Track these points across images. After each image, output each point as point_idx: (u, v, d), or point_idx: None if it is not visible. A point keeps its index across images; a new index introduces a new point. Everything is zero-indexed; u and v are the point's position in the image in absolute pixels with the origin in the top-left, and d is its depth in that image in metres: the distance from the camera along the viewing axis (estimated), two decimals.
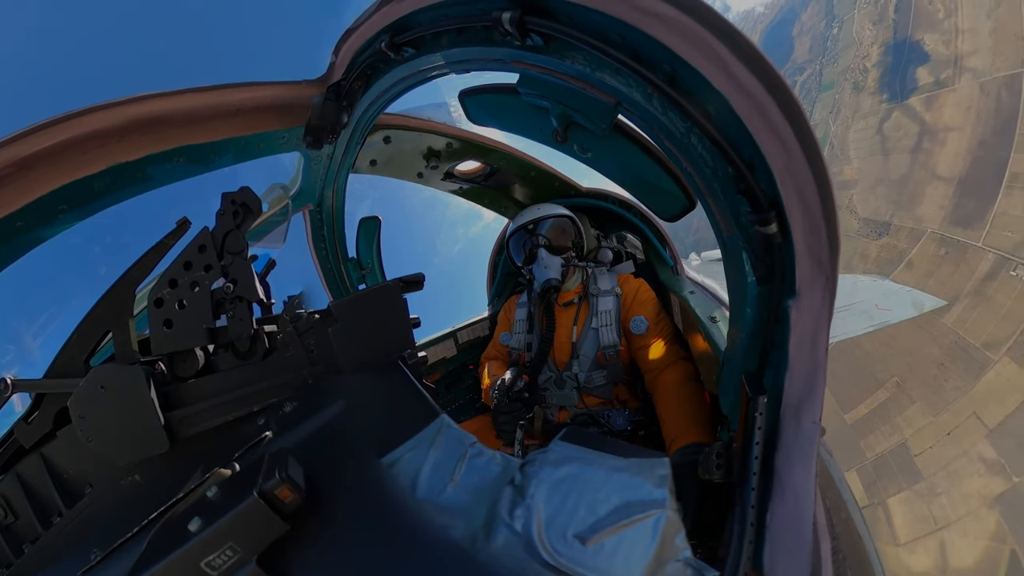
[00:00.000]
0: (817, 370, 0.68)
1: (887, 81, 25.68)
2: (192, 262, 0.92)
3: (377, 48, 1.12)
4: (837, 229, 0.63)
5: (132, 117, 1.12)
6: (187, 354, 0.94)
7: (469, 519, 0.68)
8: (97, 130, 1.08)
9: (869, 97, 26.46)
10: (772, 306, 0.81)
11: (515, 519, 0.66)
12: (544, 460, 0.79)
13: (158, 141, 1.18)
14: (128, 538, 0.71)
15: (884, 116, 24.42)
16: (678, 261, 2.31)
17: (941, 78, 21.83)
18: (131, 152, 1.15)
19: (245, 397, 0.95)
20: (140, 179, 1.22)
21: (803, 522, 0.61)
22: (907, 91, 23.34)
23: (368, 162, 2.00)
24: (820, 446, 0.65)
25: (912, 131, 21.74)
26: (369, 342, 1.03)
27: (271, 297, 1.15)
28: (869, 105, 26.01)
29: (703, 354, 1.60)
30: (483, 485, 0.76)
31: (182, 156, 1.25)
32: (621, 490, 0.70)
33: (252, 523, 0.62)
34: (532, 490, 0.71)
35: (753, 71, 0.56)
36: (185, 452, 0.91)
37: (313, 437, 0.87)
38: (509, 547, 0.61)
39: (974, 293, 14.82)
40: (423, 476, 0.76)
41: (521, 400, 1.89)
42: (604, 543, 0.60)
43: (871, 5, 30.36)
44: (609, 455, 0.80)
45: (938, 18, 23.51)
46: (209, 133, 1.27)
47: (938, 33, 22.91)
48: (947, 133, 19.77)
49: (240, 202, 0.94)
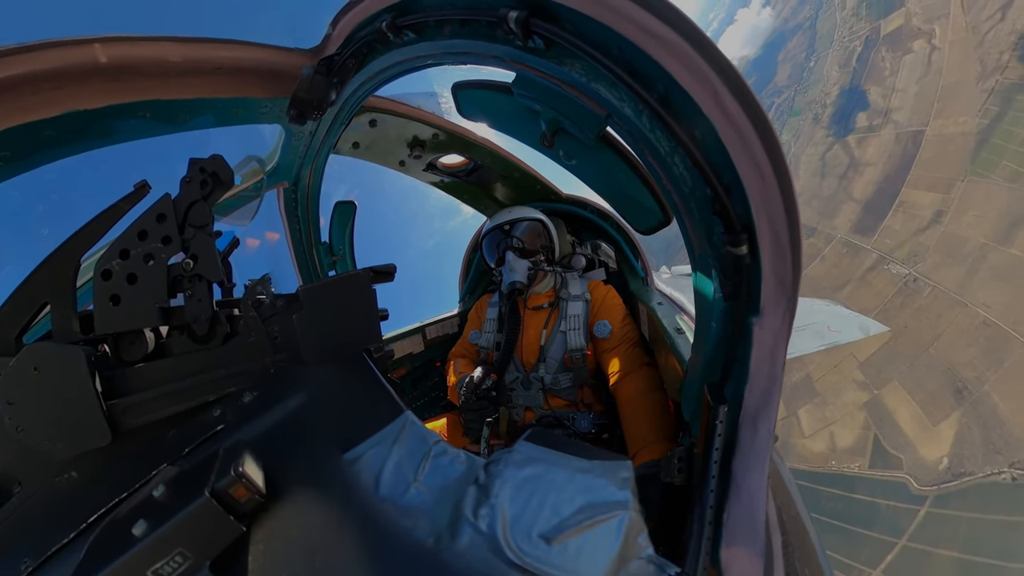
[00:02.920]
0: (774, 383, 0.73)
1: (836, 119, 35.62)
2: (148, 232, 0.83)
3: (377, 27, 1.08)
4: (801, 256, 0.68)
5: (98, 59, 0.99)
6: (136, 335, 0.85)
7: (433, 519, 0.67)
8: (54, 68, 0.94)
9: (821, 129, 36.45)
10: (736, 322, 0.86)
11: (479, 519, 0.66)
12: (508, 460, 0.80)
13: (124, 91, 1.05)
14: (64, 544, 0.64)
15: (828, 147, 34.22)
16: (649, 273, 2.40)
17: (873, 124, 30.96)
18: (92, 99, 1.01)
19: (200, 385, 0.87)
20: (98, 132, 1.08)
21: (757, 520, 0.66)
22: (847, 130, 32.92)
23: (351, 144, 1.93)
24: (772, 451, 0.70)
25: (844, 162, 31.33)
26: (334, 332, 0.99)
27: (232, 279, 1.08)
28: (820, 136, 35.92)
29: (667, 363, 1.67)
30: (447, 484, 0.75)
31: (149, 111, 1.13)
32: (585, 491, 0.72)
33: (204, 526, 0.57)
34: (496, 490, 0.72)
35: (742, 105, 0.60)
36: (130, 446, 0.82)
37: (273, 431, 0.82)
38: (474, 547, 0.61)
39: (860, 279, 24.02)
40: (386, 475, 0.75)
41: (489, 399, 1.89)
42: (569, 543, 0.62)
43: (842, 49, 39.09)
44: (573, 457, 0.82)
45: (884, 75, 33.46)
46: (183, 90, 1.15)
47: (881, 87, 32.50)
48: (866, 167, 29.18)
49: (210, 171, 0.86)
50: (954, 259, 21.56)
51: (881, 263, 23.66)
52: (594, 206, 2.61)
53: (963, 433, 16.98)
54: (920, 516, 16.26)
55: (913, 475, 17.33)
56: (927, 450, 17.59)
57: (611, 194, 1.58)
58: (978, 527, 14.97)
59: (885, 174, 27.23)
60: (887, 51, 32.53)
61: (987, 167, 22.71)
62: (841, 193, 29.33)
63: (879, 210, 25.74)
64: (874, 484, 17.80)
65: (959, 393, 17.78)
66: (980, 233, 21.27)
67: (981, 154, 23.20)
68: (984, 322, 18.70)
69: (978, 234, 21.31)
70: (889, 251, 23.75)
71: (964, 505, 15.64)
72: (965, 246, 21.49)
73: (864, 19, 36.63)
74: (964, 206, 22.66)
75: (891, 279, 22.77)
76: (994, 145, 22.95)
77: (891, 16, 33.19)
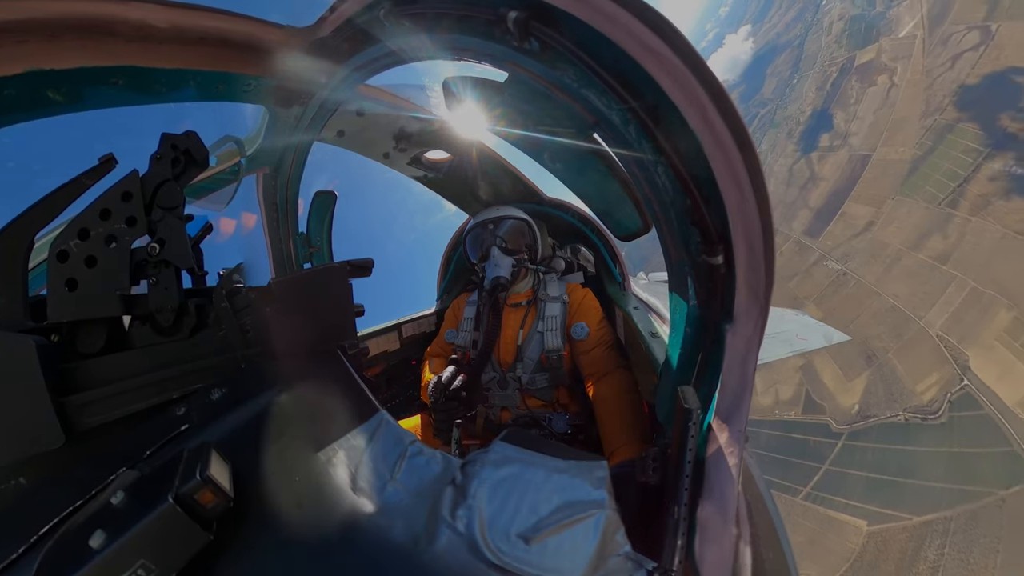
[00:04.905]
0: (745, 387, 0.77)
1: (804, 137, 42.73)
2: (112, 211, 0.77)
3: (376, 14, 1.05)
4: (774, 268, 0.72)
5: (71, 14, 0.89)
6: (94, 324, 0.78)
7: (410, 520, 0.66)
8: (21, 20, 0.84)
9: (792, 144, 43.42)
10: (710, 328, 0.89)
11: (457, 520, 0.66)
12: (485, 460, 0.80)
13: (98, 53, 0.96)
14: (13, 560, 0.58)
15: (795, 160, 41.41)
16: (626, 278, 2.45)
17: (833, 144, 38.17)
18: (60, 59, 0.91)
19: (164, 381, 0.82)
20: (65, 95, 0.98)
21: (728, 515, 0.69)
22: (812, 147, 40.04)
23: (336, 132, 1.87)
24: (743, 450, 0.74)
25: (805, 175, 38.85)
26: (309, 327, 0.96)
27: (203, 267, 1.02)
28: (790, 149, 43.00)
29: (642, 366, 1.72)
30: (423, 485, 0.75)
31: (123, 78, 1.04)
32: (562, 490, 0.73)
33: (168, 534, 0.53)
34: (474, 490, 0.72)
35: (728, 124, 0.63)
36: (85, 448, 0.75)
37: (242, 430, 0.78)
38: (453, 548, 0.61)
39: (805, 272, 30.94)
40: (362, 474, 0.73)
41: (458, 399, 1.88)
42: (547, 542, 0.63)
43: (821, 72, 46.45)
44: (549, 456, 0.83)
45: (850, 102, 40.29)
46: (163, 58, 1.06)
47: (844, 112, 39.27)
48: (821, 181, 36.67)
49: (183, 148, 0.81)
50: (876, 260, 28.94)
51: (822, 260, 31.81)
52: (576, 210, 2.65)
53: (870, 387, 24.19)
54: (838, 447, 23.22)
55: (833, 418, 24.44)
56: (843, 399, 24.69)
57: (593, 199, 1.61)
58: (880, 454, 21.73)
59: (835, 188, 35.19)
60: (856, 80, 39.96)
61: (913, 189, 29.65)
62: (800, 201, 37.60)
63: (826, 217, 33.95)
64: (805, 425, 25.02)
65: (869, 358, 24.85)
66: (898, 240, 28.48)
67: (911, 179, 30.16)
68: (892, 308, 26.08)
69: (896, 241, 28.53)
70: (829, 251, 31.96)
71: (869, 439, 22.58)
72: (885, 250, 28.83)
73: (844, 47, 43.34)
74: (889, 219, 29.93)
75: (827, 273, 30.80)
76: (922, 172, 29.73)
77: (867, 48, 40.22)
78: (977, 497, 17.96)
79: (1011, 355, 20.47)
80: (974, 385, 20.90)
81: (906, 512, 19.18)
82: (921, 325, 24.17)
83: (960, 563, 16.96)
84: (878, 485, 20.65)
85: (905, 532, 18.78)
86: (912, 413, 22.02)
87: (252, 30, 1.16)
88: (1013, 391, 19.58)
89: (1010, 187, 24.39)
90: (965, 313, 23.03)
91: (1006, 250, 22.91)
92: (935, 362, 22.66)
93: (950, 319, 23.39)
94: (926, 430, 21.09)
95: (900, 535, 18.78)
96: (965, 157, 27.27)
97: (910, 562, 17.88)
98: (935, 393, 21.84)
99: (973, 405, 20.45)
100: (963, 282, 23.94)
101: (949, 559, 17.25)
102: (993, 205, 24.51)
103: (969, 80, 29.39)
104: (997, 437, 18.92)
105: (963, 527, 17.60)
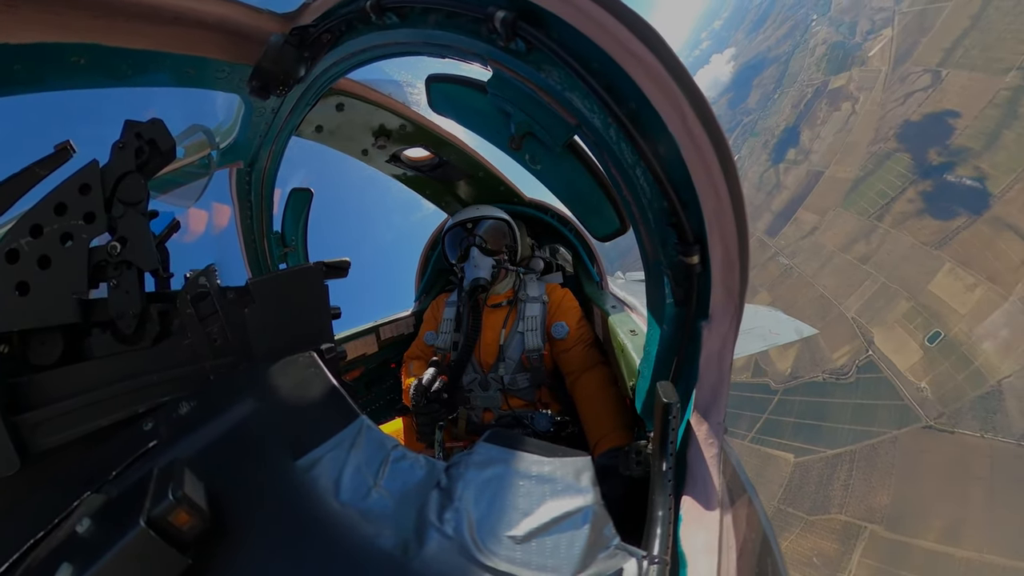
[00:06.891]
0: (722, 381, 0.80)
1: (775, 149, 51.41)
2: (68, 205, 0.70)
3: (361, 5, 1.02)
4: (748, 268, 0.75)
5: None
6: (48, 332, 0.72)
7: (398, 525, 0.65)
8: None
9: (766, 154, 52.32)
10: (686, 326, 0.93)
11: (445, 523, 0.66)
12: (469, 462, 0.80)
13: (61, 27, 0.87)
14: None
15: (765, 169, 50.59)
16: (604, 277, 2.50)
17: (796, 159, 46.50)
18: (17, 31, 0.83)
19: (127, 394, 0.76)
20: (20, 74, 0.89)
21: (711, 502, 0.72)
22: (780, 159, 48.97)
23: (314, 127, 1.81)
24: (723, 440, 0.77)
25: (772, 183, 48.92)
26: (284, 330, 0.92)
27: (169, 268, 0.96)
28: (763, 159, 51.82)
29: (621, 363, 1.76)
30: (408, 489, 0.74)
31: (85, 57, 0.95)
32: (548, 488, 0.74)
33: (142, 561, 0.49)
34: (460, 492, 0.72)
35: (707, 130, 0.65)
36: (44, 472, 0.68)
37: (215, 444, 0.74)
38: (443, 552, 0.61)
39: (761, 266, 42.84)
40: (345, 480, 0.71)
41: (440, 401, 1.87)
42: (537, 540, 0.63)
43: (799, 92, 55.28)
44: (534, 455, 0.84)
45: (816, 123, 48.59)
46: (130, 37, 0.97)
47: (810, 131, 47.29)
48: (783, 190, 47.21)
49: (148, 137, 0.74)
50: (815, 258, 38.77)
51: (775, 256, 42.14)
52: (555, 211, 2.67)
53: (800, 355, 34.22)
54: (775, 401, 33.26)
55: (772, 379, 34.78)
56: (781, 364, 34.97)
57: (572, 200, 1.63)
58: (806, 405, 31.65)
59: (793, 196, 45.21)
60: (826, 104, 49.77)
61: (850, 203, 39.36)
62: (765, 205, 47.43)
63: (783, 220, 43.98)
64: (752, 386, 35.06)
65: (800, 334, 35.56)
66: (833, 244, 38.24)
67: (851, 194, 39.64)
68: (821, 296, 35.84)
69: (831, 244, 38.32)
70: (781, 248, 42.15)
71: (798, 393, 32.68)
72: (823, 251, 38.74)
73: (822, 71, 50.18)
74: (829, 226, 39.72)
75: (778, 267, 40.95)
76: (860, 190, 39.32)
77: (840, 75, 49.78)
78: (876, 435, 26.69)
79: (906, 334, 30.02)
80: (877, 355, 30.54)
81: (823, 447, 28.16)
82: (840, 310, 34.07)
83: (864, 483, 25.16)
84: (802, 428, 30.28)
85: (822, 461, 27.55)
86: (829, 374, 32.12)
87: (228, 13, 1.09)
88: (905, 360, 29.03)
89: (924, 208, 33.75)
90: (875, 302, 32.89)
91: (913, 256, 32.25)
92: (848, 337, 32.60)
93: (863, 306, 33.12)
94: (839, 387, 31.07)
95: (818, 464, 27.60)
96: (896, 180, 36.77)
97: (826, 483, 26.30)
98: (847, 360, 31.72)
99: (875, 369, 30.12)
100: (876, 279, 33.72)
101: (856, 480, 25.48)
102: (909, 221, 34.08)
103: (913, 117, 38.25)
104: (892, 393, 28.19)
105: (866, 457, 26.17)
